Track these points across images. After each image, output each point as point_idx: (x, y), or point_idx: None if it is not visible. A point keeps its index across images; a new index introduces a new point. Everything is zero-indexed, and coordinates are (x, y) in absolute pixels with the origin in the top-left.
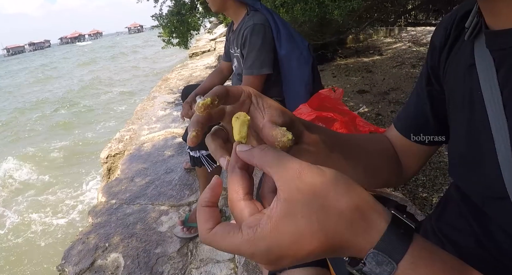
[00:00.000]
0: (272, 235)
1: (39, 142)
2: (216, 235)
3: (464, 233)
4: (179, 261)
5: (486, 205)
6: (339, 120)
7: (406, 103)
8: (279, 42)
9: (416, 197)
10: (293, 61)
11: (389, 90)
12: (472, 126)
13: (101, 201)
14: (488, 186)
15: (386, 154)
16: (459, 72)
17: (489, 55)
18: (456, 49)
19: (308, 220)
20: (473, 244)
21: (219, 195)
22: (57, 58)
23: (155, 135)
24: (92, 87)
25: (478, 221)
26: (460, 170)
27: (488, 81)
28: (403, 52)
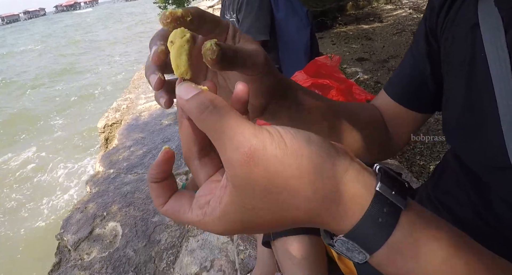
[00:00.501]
0: (222, 221)
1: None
2: (168, 211)
3: (461, 203)
4: (176, 229)
5: (486, 174)
6: (336, 87)
7: (399, 68)
8: (276, 6)
9: (414, 165)
10: (291, 26)
11: (388, 58)
12: (473, 90)
13: (98, 171)
14: (489, 155)
15: (376, 123)
16: (460, 32)
17: (497, 14)
18: (456, 8)
19: (259, 211)
20: (470, 214)
21: (168, 171)
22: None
23: (152, 104)
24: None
25: (477, 190)
26: (458, 137)
27: (495, 42)
28: (404, 19)
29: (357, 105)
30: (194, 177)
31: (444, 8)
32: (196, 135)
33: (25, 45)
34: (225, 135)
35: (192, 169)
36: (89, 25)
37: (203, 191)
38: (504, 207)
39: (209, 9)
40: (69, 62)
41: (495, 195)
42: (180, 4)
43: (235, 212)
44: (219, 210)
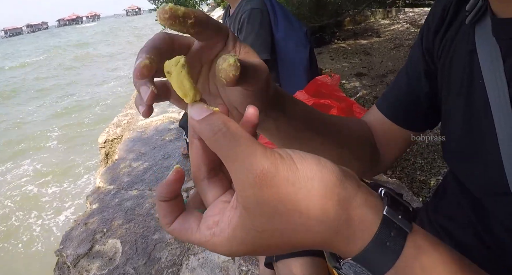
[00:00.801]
0: (231, 243)
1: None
2: (175, 231)
3: (462, 226)
4: (177, 247)
5: (486, 199)
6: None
7: (393, 85)
8: (276, 25)
9: (414, 181)
10: (291, 45)
11: (387, 73)
12: (472, 115)
13: (99, 186)
14: (489, 180)
15: (364, 139)
16: (457, 57)
17: (495, 43)
18: (453, 32)
19: (269, 236)
20: (471, 238)
21: (178, 190)
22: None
23: (152, 120)
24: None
25: (477, 214)
26: (458, 160)
27: (493, 70)
28: (401, 33)
29: (346, 119)
30: (202, 197)
31: (440, 31)
32: (206, 155)
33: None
34: (237, 157)
35: (200, 189)
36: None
37: (212, 211)
38: (505, 233)
39: None
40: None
41: (495, 220)
42: None
43: (245, 234)
44: (228, 231)
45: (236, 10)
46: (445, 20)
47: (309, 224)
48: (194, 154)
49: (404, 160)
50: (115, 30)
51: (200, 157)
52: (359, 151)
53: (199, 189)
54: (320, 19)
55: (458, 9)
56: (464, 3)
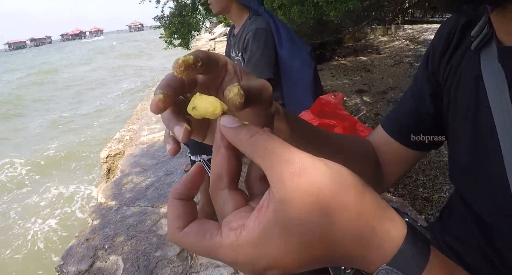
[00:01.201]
0: (260, 243)
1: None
2: (188, 236)
3: (470, 247)
4: (179, 265)
5: (494, 221)
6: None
7: (398, 105)
8: (280, 46)
9: (416, 198)
10: (295, 64)
11: (387, 89)
12: (478, 138)
13: (100, 202)
14: (496, 202)
15: (368, 158)
16: (463, 81)
17: (500, 69)
18: (458, 57)
19: (307, 230)
20: (480, 260)
21: (197, 187)
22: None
23: (155, 136)
24: None
25: (484, 235)
26: (465, 182)
27: (499, 95)
28: (401, 50)
29: (348, 136)
30: (218, 207)
31: (446, 55)
32: (231, 164)
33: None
34: (275, 151)
35: (218, 199)
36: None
37: (232, 218)
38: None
39: (210, 42)
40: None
41: (504, 242)
42: (185, 39)
43: (280, 229)
44: (259, 229)
45: (241, 29)
46: (450, 44)
47: (347, 217)
48: (218, 163)
49: (406, 177)
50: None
51: (223, 166)
52: (361, 169)
53: (216, 200)
54: (320, 36)
55: (463, 34)
56: (469, 28)
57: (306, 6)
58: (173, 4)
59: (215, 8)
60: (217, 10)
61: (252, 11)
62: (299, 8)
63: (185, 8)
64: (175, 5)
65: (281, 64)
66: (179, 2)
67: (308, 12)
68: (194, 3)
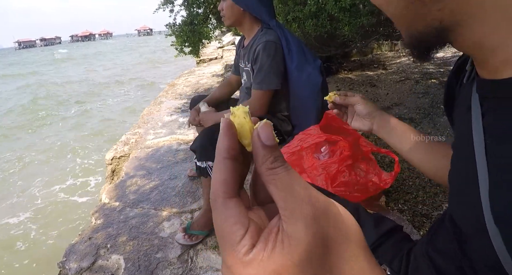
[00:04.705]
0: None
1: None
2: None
3: (448, 258)
4: (179, 267)
5: (470, 235)
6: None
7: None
8: (290, 58)
9: (416, 214)
10: (303, 77)
11: (392, 105)
12: (466, 164)
13: (104, 202)
14: (471, 217)
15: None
16: (460, 112)
17: (478, 100)
18: (462, 89)
19: (312, 269)
20: (454, 271)
21: (238, 147)
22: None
23: (160, 141)
24: None
25: (462, 248)
26: (453, 200)
27: (477, 125)
28: (407, 66)
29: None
30: (218, 216)
31: (456, 87)
32: (234, 175)
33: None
34: (291, 187)
35: (219, 207)
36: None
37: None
38: (483, 268)
39: (218, 50)
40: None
41: (477, 255)
42: (195, 47)
43: (279, 259)
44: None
45: (251, 41)
46: (458, 77)
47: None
48: (221, 172)
49: (406, 193)
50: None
51: (227, 176)
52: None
53: (215, 206)
54: (327, 49)
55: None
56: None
57: (321, 20)
58: (185, 13)
59: (228, 20)
60: (230, 23)
61: (263, 24)
62: (314, 21)
63: (197, 17)
64: (187, 14)
65: (289, 76)
66: (191, 11)
67: (323, 26)
68: (206, 13)
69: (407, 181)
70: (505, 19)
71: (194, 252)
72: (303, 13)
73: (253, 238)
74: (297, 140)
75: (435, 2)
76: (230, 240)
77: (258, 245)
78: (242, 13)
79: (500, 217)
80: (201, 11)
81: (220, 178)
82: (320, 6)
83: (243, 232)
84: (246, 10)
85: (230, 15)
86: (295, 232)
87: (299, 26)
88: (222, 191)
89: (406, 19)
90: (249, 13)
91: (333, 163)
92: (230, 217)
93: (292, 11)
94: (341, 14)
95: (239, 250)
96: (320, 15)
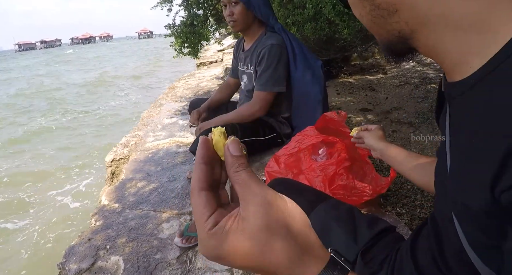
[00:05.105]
0: (224, 239)
1: None
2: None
3: (424, 251)
4: (178, 268)
5: (442, 226)
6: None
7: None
8: (294, 62)
9: (414, 218)
10: (306, 78)
11: (391, 109)
12: (443, 162)
13: (104, 204)
14: (442, 208)
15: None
16: (442, 117)
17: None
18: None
19: (254, 243)
20: (430, 260)
21: (212, 155)
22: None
23: (160, 143)
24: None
25: (436, 239)
26: (436, 199)
27: (447, 124)
28: (407, 71)
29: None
30: (194, 203)
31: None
32: (207, 175)
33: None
34: (248, 185)
35: (195, 196)
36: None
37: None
38: (453, 256)
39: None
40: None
41: (448, 247)
42: (194, 48)
43: (238, 235)
44: (228, 230)
45: (254, 44)
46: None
47: (289, 237)
48: (198, 172)
49: (404, 197)
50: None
51: (201, 175)
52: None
53: (193, 195)
54: (327, 53)
55: None
56: None
57: (320, 24)
58: (185, 13)
59: (240, 26)
60: (241, 28)
61: (267, 27)
62: (313, 25)
63: (196, 18)
64: (187, 14)
65: (292, 78)
66: (191, 12)
67: (321, 29)
68: (206, 14)
69: (405, 185)
70: (447, 27)
71: (192, 253)
72: (302, 16)
73: (217, 218)
74: (294, 142)
75: (392, 16)
76: (200, 219)
77: (220, 224)
78: (252, 18)
79: (454, 202)
80: (201, 12)
81: (196, 176)
82: (318, 9)
83: (209, 214)
84: (257, 15)
85: (242, 21)
86: (247, 215)
87: (298, 29)
88: (197, 185)
89: (374, 29)
90: (257, 18)
91: (330, 165)
92: (201, 203)
93: (292, 14)
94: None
95: (206, 226)
96: (319, 19)
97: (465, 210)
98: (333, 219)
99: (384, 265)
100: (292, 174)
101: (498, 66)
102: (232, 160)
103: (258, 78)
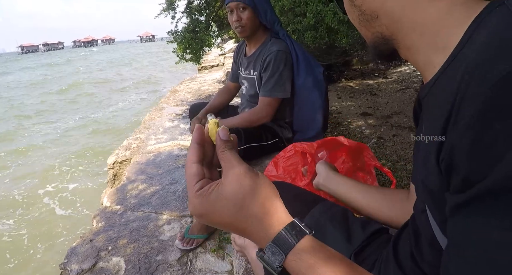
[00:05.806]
0: (207, 201)
1: None
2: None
3: (404, 247)
4: (179, 269)
5: (418, 219)
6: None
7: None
8: (297, 69)
9: None
10: (308, 84)
11: (392, 114)
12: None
13: (106, 206)
14: (417, 201)
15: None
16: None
17: None
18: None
19: (230, 203)
20: (408, 256)
21: (204, 138)
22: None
23: (161, 146)
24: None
25: (414, 235)
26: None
27: (420, 125)
28: (408, 76)
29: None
30: (187, 172)
31: None
32: (199, 152)
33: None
34: (230, 161)
35: (189, 168)
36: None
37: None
38: (428, 248)
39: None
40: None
41: (422, 237)
42: (197, 54)
43: (217, 198)
44: (211, 194)
45: (258, 50)
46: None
47: (254, 203)
48: (192, 150)
49: None
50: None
51: (195, 152)
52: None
53: (187, 167)
54: (328, 58)
55: None
56: None
57: (320, 32)
58: (187, 19)
59: (247, 31)
60: (248, 34)
61: (272, 33)
62: (313, 33)
63: (199, 25)
64: (189, 21)
65: (295, 84)
66: (193, 18)
67: (321, 38)
68: (208, 20)
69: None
70: (415, 31)
71: (193, 255)
72: (302, 25)
73: (203, 184)
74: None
75: (375, 21)
76: (190, 183)
77: (204, 187)
78: (258, 24)
79: (421, 189)
80: (203, 19)
81: (190, 153)
82: (319, 18)
83: (197, 180)
84: (262, 21)
85: (251, 26)
86: (226, 181)
87: (298, 37)
88: (190, 159)
89: (362, 31)
90: (262, 24)
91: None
92: (192, 171)
93: (292, 22)
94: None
95: (193, 189)
96: (319, 27)
97: (429, 194)
98: (328, 220)
99: (375, 265)
100: (290, 179)
101: (451, 63)
102: (221, 143)
103: (264, 84)
